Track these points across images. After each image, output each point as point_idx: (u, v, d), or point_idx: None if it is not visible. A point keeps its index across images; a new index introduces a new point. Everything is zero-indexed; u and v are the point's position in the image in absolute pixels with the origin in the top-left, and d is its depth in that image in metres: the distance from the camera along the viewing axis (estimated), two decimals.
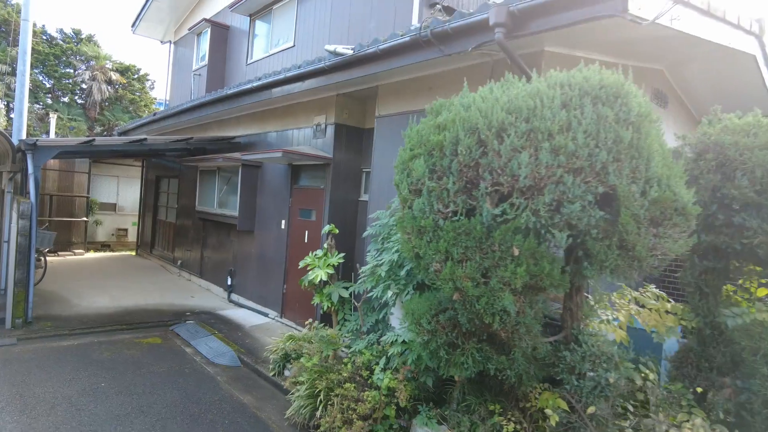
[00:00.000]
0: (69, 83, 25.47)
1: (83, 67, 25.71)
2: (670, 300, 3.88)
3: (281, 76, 6.02)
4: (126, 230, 15.10)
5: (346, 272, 5.91)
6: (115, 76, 25.17)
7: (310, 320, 5.05)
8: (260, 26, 9.77)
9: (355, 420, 3.86)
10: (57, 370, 5.14)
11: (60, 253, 12.17)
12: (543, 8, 3.36)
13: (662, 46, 4.93)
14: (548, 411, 3.11)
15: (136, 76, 26.90)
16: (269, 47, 9.26)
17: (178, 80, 13.32)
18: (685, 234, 2.65)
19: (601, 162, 2.45)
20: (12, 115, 24.27)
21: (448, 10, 6.24)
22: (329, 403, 4.07)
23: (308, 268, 4.91)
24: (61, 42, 25.33)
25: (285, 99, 6.96)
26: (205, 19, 10.71)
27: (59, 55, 24.89)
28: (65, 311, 7.28)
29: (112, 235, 14.84)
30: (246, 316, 7.73)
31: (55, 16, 51.04)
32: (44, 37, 24.64)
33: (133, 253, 13.95)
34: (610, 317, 3.36)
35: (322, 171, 6.68)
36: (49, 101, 25.00)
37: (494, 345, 3.24)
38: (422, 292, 3.74)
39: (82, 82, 25.33)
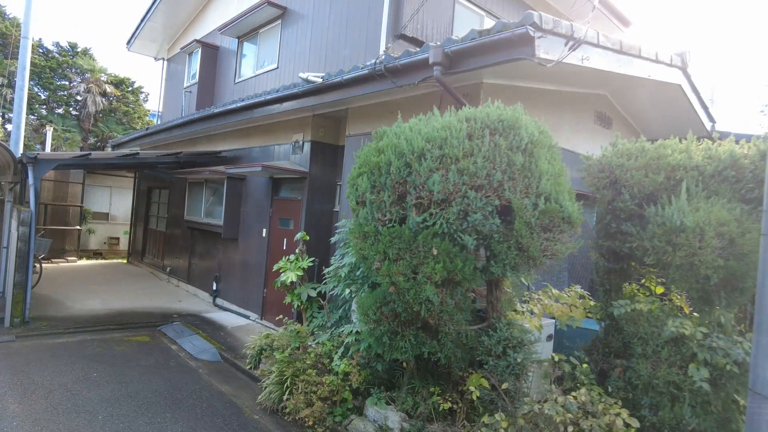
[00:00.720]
0: (64, 95, 26.03)
1: (78, 79, 26.26)
2: (591, 298, 4.53)
3: (261, 99, 6.68)
4: (118, 239, 15.61)
5: (319, 275, 6.52)
6: (109, 88, 25.75)
7: (281, 316, 5.65)
8: (248, 47, 10.45)
9: (315, 401, 4.46)
10: (53, 362, 5.69)
11: (53, 260, 12.68)
12: (470, 51, 4.04)
13: (598, 76, 5.62)
14: (471, 388, 3.73)
15: (130, 88, 27.51)
16: (256, 68, 9.94)
17: (170, 95, 13.96)
18: (572, 238, 3.30)
19: (498, 180, 3.11)
20: (8, 126, 24.77)
21: (415, 41, 6.95)
22: (294, 388, 4.66)
23: (281, 271, 5.52)
24: (57, 55, 25.92)
25: (267, 118, 7.61)
26: (195, 40, 11.39)
27: (55, 67, 25.47)
28: (59, 312, 7.82)
29: (105, 243, 15.35)
30: (229, 318, 8.30)
31: (52, 30, 51.70)
32: (41, 51, 25.23)
33: (125, 261, 14.46)
34: (526, 309, 3.99)
35: (299, 184, 7.31)
36: (44, 112, 25.52)
37: (428, 332, 3.85)
38: (374, 289, 4.36)
39: (77, 94, 25.85)
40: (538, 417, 3.17)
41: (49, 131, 15.88)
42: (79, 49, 26.69)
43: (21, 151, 9.78)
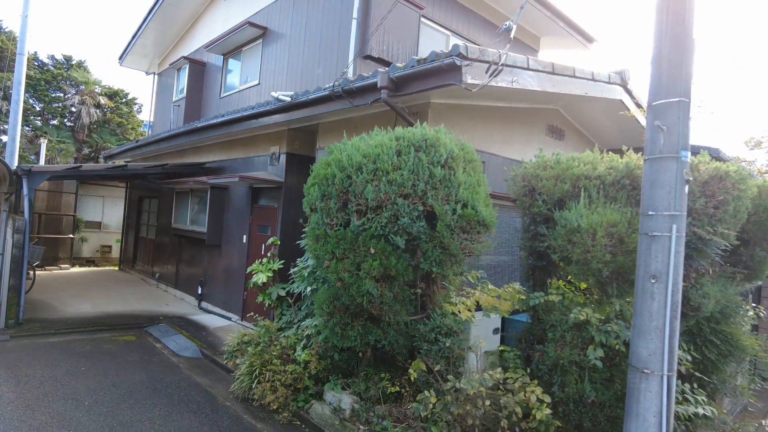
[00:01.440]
0: (59, 107, 26.55)
1: (73, 91, 26.79)
2: (523, 292, 5.08)
3: (239, 115, 7.25)
4: (110, 247, 16.09)
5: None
6: (103, 100, 26.28)
7: (252, 313, 6.18)
8: (233, 64, 11.03)
9: (279, 387, 4.99)
10: (44, 358, 6.19)
11: (47, 267, 13.15)
12: (411, 77, 4.62)
13: (542, 94, 6.19)
14: (410, 371, 4.26)
15: (124, 100, 28.07)
16: (239, 83, 10.51)
17: (160, 108, 14.52)
18: (487, 239, 3.86)
19: (422, 190, 3.67)
20: (3, 137, 25.22)
21: (381, 61, 7.54)
22: (262, 377, 5.18)
23: (253, 273, 6.05)
24: (52, 68, 26.48)
25: (246, 132, 8.17)
26: (183, 57, 11.98)
27: (50, 80, 26.01)
28: (51, 315, 8.31)
29: (97, 251, 15.83)
30: (212, 320, 8.80)
31: (48, 42, 52.26)
32: (36, 64, 25.78)
33: (116, 268, 14.93)
34: (459, 302, 4.53)
35: (276, 192, 7.86)
36: (39, 123, 26.04)
37: (374, 322, 4.39)
38: (328, 286, 4.91)
39: (72, 105, 26.36)
40: (459, 392, 3.71)
41: (44, 143, 16.39)
42: (73, 62, 27.25)
43: (16, 162, 10.29)
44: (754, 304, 6.13)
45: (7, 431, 4.21)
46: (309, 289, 5.19)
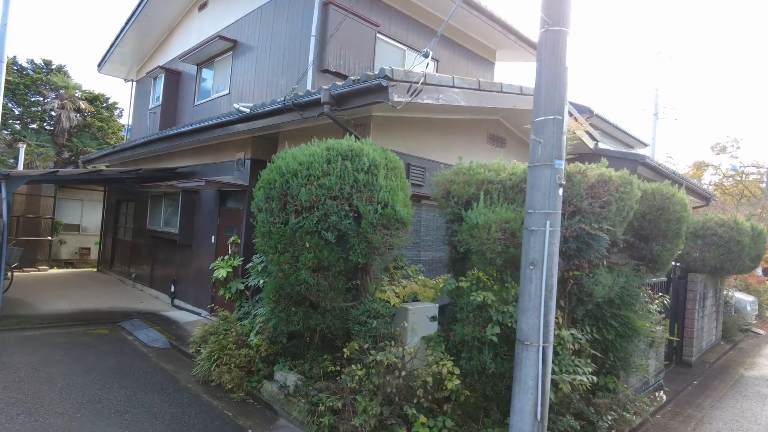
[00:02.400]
0: (38, 111, 26.72)
1: (53, 95, 26.97)
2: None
3: (205, 124, 7.84)
4: (89, 249, 16.47)
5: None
6: (84, 104, 26.50)
7: (212, 305, 6.76)
8: (206, 73, 11.60)
9: (234, 369, 5.59)
10: (21, 349, 6.70)
11: (25, 269, 13.53)
12: (348, 94, 5.28)
13: (480, 108, 6.87)
14: (345, 350, 4.89)
15: (105, 104, 28.32)
16: (212, 93, 11.09)
17: (138, 115, 15.00)
18: (406, 234, 4.52)
19: (348, 192, 4.32)
20: None
21: (338, 75, 8.19)
22: (220, 361, 5.78)
23: (215, 269, 6.64)
24: (31, 72, 26.66)
25: (214, 139, 8.75)
26: (159, 66, 12.51)
27: (29, 84, 26.20)
28: (29, 312, 8.78)
29: (76, 253, 16.20)
30: (183, 315, 9.34)
31: (27, 46, 52.05)
32: (15, 68, 25.96)
33: (95, 270, 15.34)
34: (389, 290, 5.18)
35: (242, 196, 8.44)
36: (18, 127, 26.21)
37: (314, 308, 5.02)
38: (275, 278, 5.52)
39: (51, 110, 26.54)
40: (378, 365, 4.36)
41: (22, 148, 16.73)
42: (53, 66, 27.44)
43: None
44: (661, 294, 6.89)
45: None
46: (262, 281, 5.80)
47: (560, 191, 3.95)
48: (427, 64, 4.81)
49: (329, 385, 5.00)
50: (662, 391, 6.53)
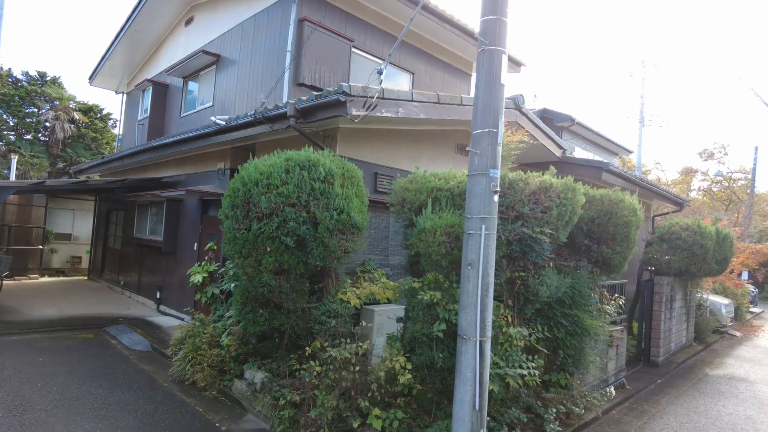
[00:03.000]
0: (33, 122, 27.11)
1: (47, 106, 27.36)
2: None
3: (185, 136, 8.19)
4: (80, 257, 16.75)
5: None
6: (78, 115, 26.87)
7: (189, 308, 7.07)
8: (192, 86, 11.97)
9: (206, 368, 5.89)
10: (6, 353, 6.99)
11: (16, 277, 13.80)
12: (312, 108, 5.64)
13: (446, 120, 7.22)
14: (307, 348, 5.21)
15: (99, 115, 28.71)
16: (197, 105, 11.46)
17: (129, 126, 15.36)
18: (361, 239, 4.86)
19: (305, 200, 4.66)
20: None
21: (314, 88, 8.56)
22: (194, 361, 6.08)
23: (191, 274, 6.96)
24: (26, 84, 27.08)
25: (196, 150, 9.10)
26: (147, 79, 12.90)
27: (24, 96, 26.60)
28: (16, 318, 9.07)
29: (67, 262, 16.48)
30: (167, 320, 9.63)
31: (22, 58, 52.53)
32: (9, 80, 26.39)
33: (86, 278, 15.61)
34: (350, 292, 5.50)
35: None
36: (12, 138, 26.57)
37: (278, 310, 5.34)
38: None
39: (46, 121, 26.90)
40: (334, 360, 4.67)
41: (14, 159, 17.06)
42: (48, 78, 27.87)
43: None
44: (617, 295, 7.22)
45: None
46: (233, 285, 6.12)
47: (495, 197, 4.29)
48: (381, 80, 5.16)
49: (293, 381, 5.31)
50: (613, 388, 6.83)
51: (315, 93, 5.59)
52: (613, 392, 6.53)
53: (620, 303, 7.05)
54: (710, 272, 10.49)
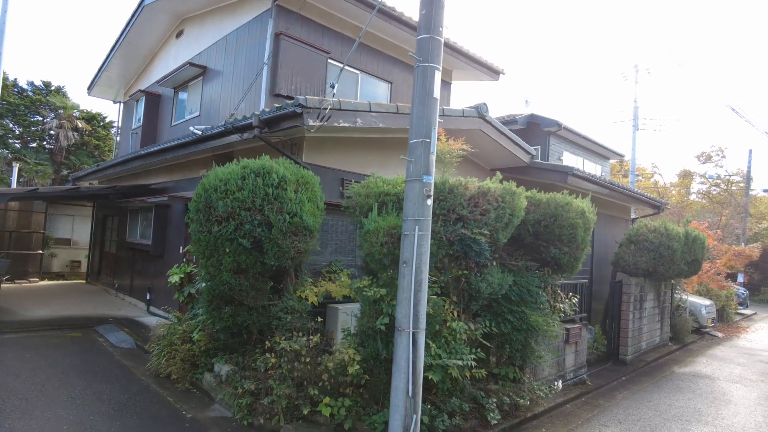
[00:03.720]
0: (37, 130, 27.83)
1: (51, 115, 28.09)
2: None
3: (167, 145, 8.67)
4: (79, 262, 17.29)
5: None
6: (81, 123, 27.57)
7: (167, 307, 7.50)
8: (182, 95, 12.48)
9: (179, 362, 6.31)
10: None
11: (16, 281, 14.34)
12: (274, 119, 6.07)
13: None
14: (267, 342, 5.61)
15: (101, 123, 29.39)
16: (186, 114, 11.95)
17: (125, 134, 15.91)
18: (313, 240, 5.27)
19: (259, 204, 5.08)
20: None
21: (290, 98, 8.99)
22: (168, 355, 6.51)
23: (170, 275, 7.40)
24: (30, 94, 27.83)
25: (180, 158, 9.57)
26: (140, 90, 13.43)
27: (29, 105, 27.35)
28: (11, 318, 9.55)
29: (67, 266, 17.02)
30: (155, 321, 10.05)
31: (27, 67, 53.63)
32: (15, 90, 27.14)
33: (84, 281, 16.13)
34: (309, 290, 5.91)
35: None
36: (18, 146, 27.31)
37: (241, 307, 5.75)
38: None
39: (50, 129, 27.61)
40: (286, 353, 5.07)
41: (16, 167, 17.67)
42: (52, 88, 28.61)
43: None
44: (571, 294, 7.57)
45: None
46: (203, 285, 6.54)
47: (429, 201, 4.69)
48: (334, 93, 5.58)
49: (255, 373, 5.72)
50: (560, 382, 7.16)
51: (276, 105, 6.02)
52: (560, 386, 6.87)
53: (574, 302, 7.39)
54: (681, 273, 10.79)
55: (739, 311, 19.98)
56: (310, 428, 5.03)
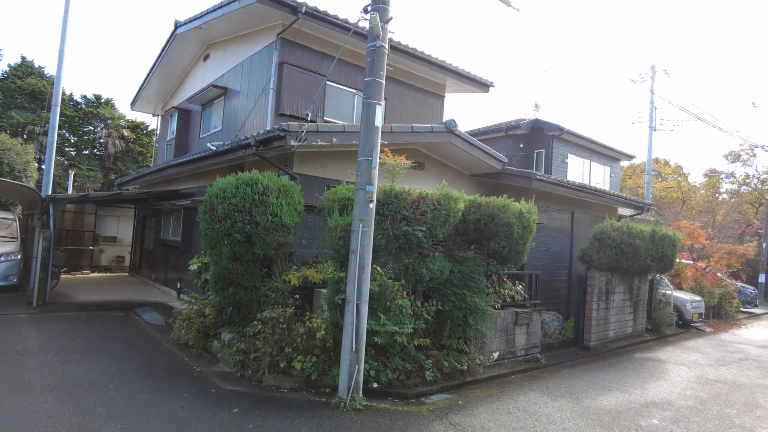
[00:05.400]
0: (89, 139, 30.83)
1: (101, 125, 31.04)
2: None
3: (191, 157, 10.47)
4: (124, 257, 19.57)
5: None
6: (126, 132, 30.36)
7: (190, 291, 9.25)
8: (207, 112, 14.36)
9: (193, 331, 8.02)
10: (57, 322, 9.41)
11: (72, 272, 16.64)
12: (266, 139, 7.69)
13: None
14: (258, 315, 7.21)
15: (144, 131, 32.18)
16: (211, 128, 13.82)
17: (162, 144, 18.03)
18: (291, 236, 6.85)
19: (248, 207, 6.71)
20: (42, 166, 29.43)
21: (292, 117, 10.65)
22: (187, 327, 8.23)
23: (191, 264, 9.16)
24: (84, 106, 30.84)
25: (203, 167, 11.37)
26: (173, 107, 15.44)
27: (82, 117, 30.33)
28: (69, 300, 11.60)
29: (113, 261, 19.33)
30: (183, 305, 11.91)
31: (80, 81, 57.86)
32: (71, 104, 30.16)
33: (127, 274, 18.35)
34: (292, 275, 7.48)
35: None
36: (73, 154, 30.34)
37: (239, 287, 7.38)
38: None
39: (100, 138, 30.55)
40: (268, 321, 6.66)
41: (72, 174, 20.11)
42: (102, 100, 31.59)
43: (50, 191, 13.86)
44: (517, 281, 8.85)
45: (31, 346, 7.40)
46: (211, 270, 8.23)
47: (371, 205, 6.18)
48: (308, 119, 7.13)
49: (247, 338, 7.34)
50: (497, 353, 8.42)
51: (267, 129, 7.63)
52: (495, 356, 8.15)
53: (518, 289, 8.69)
54: (647, 269, 11.79)
55: (744, 309, 20.35)
56: (286, 378, 6.60)
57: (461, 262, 7.58)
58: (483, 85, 14.07)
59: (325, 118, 11.19)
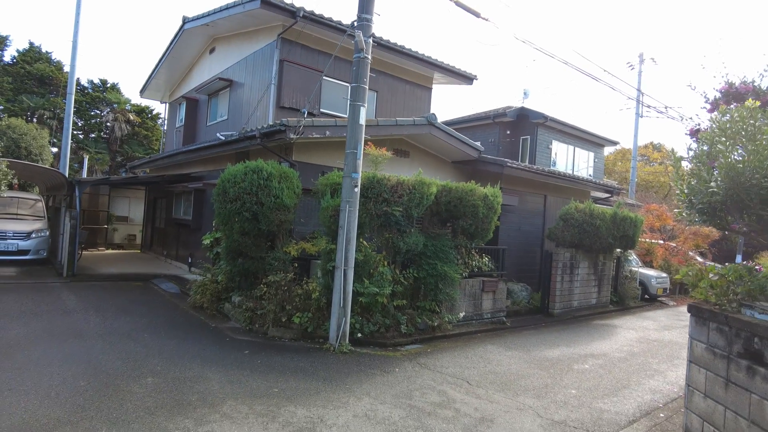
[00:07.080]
0: (96, 123, 32.01)
1: (108, 109, 32.17)
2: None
3: (201, 145, 11.78)
4: (135, 235, 20.99)
5: None
6: (132, 116, 31.48)
7: (201, 262, 10.68)
8: (213, 101, 15.61)
9: (207, 295, 9.45)
10: (86, 289, 10.85)
11: (89, 249, 18.06)
12: (268, 132, 9.01)
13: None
14: (264, 280, 8.62)
15: (149, 115, 33.35)
16: (218, 117, 15.09)
17: (170, 130, 19.29)
18: (290, 215, 8.24)
19: (255, 190, 8.08)
20: (54, 149, 30.61)
21: (292, 110, 11.94)
22: (202, 292, 9.65)
23: (203, 239, 10.56)
24: (90, 91, 31.95)
25: (211, 154, 12.68)
26: (182, 96, 16.68)
27: (90, 101, 31.46)
28: (92, 272, 13.03)
29: (125, 239, 20.75)
30: (194, 277, 13.34)
31: (87, 65, 58.58)
32: (78, 88, 31.24)
33: (139, 251, 19.79)
34: (291, 247, 8.87)
35: None
36: (81, 137, 31.54)
37: (247, 257, 8.77)
38: None
39: (107, 122, 31.68)
40: (272, 283, 8.07)
41: (86, 158, 21.42)
42: (108, 85, 32.67)
43: (67, 173, 15.19)
44: (486, 255, 10.26)
45: (73, 306, 8.86)
46: (223, 243, 9.63)
47: (356, 189, 7.53)
48: (305, 116, 8.45)
49: (256, 300, 8.77)
50: (462, 313, 9.87)
51: (270, 123, 8.94)
52: (461, 315, 9.58)
53: (485, 260, 10.11)
54: (609, 246, 13.20)
55: None
56: (287, 331, 8.04)
57: (434, 237, 8.97)
58: (467, 78, 15.30)
59: (321, 109, 12.48)
